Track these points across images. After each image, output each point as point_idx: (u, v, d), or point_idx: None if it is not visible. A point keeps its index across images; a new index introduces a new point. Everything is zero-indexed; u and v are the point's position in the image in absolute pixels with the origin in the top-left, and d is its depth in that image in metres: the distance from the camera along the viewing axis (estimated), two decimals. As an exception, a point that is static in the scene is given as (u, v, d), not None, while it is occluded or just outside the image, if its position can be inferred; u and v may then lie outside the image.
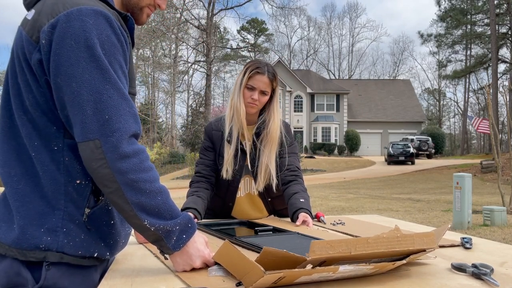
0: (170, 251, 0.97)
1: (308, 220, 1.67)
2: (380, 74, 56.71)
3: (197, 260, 0.99)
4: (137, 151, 0.92)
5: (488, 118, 9.02)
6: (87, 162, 0.90)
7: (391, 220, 1.93)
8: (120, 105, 0.91)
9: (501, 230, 5.92)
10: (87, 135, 0.89)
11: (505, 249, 1.28)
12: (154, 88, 39.51)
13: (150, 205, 0.92)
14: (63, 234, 0.94)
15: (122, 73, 0.95)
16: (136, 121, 0.94)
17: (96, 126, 0.88)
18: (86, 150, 0.89)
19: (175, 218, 0.96)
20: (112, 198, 0.92)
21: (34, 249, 0.92)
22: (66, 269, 0.95)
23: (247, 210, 1.95)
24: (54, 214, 0.94)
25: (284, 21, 57.39)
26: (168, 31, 28.55)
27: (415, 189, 13.82)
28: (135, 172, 0.90)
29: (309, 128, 36.64)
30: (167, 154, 28.64)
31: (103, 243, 1.00)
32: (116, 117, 0.90)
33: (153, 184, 0.93)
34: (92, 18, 0.90)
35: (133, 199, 0.90)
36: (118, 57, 0.94)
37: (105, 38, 0.91)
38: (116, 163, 0.89)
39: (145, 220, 0.92)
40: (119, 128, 0.90)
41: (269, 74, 1.81)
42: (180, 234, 0.96)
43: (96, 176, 0.91)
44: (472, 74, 41.22)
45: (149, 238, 0.96)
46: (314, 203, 9.65)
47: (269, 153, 1.84)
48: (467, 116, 39.03)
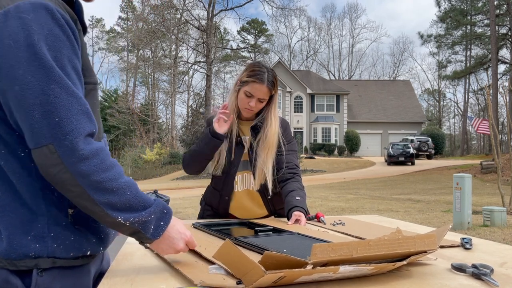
0: (150, 241, 0.96)
1: (301, 218, 1.67)
2: (380, 74, 56.75)
3: (180, 242, 1.00)
4: (95, 150, 0.87)
5: (488, 118, 9.02)
6: (44, 169, 0.85)
7: (391, 221, 1.93)
8: (70, 104, 0.85)
9: (501, 230, 5.91)
10: (39, 141, 0.84)
11: (505, 249, 1.28)
12: (154, 89, 39.53)
13: (120, 202, 0.89)
14: (52, 239, 0.92)
15: (72, 68, 0.88)
16: (90, 119, 0.89)
17: (47, 130, 0.83)
18: (40, 156, 0.84)
19: (148, 207, 0.93)
20: (78, 202, 0.88)
21: (23, 258, 0.90)
22: (58, 273, 0.93)
23: (246, 204, 1.94)
24: (38, 220, 0.91)
25: (284, 21, 57.49)
26: (168, 32, 28.56)
27: (415, 190, 13.82)
28: (98, 173, 0.86)
29: (309, 129, 36.63)
30: (167, 154, 28.63)
31: (94, 239, 0.99)
32: (67, 118, 0.84)
33: (119, 181, 0.89)
34: (30, 13, 0.84)
35: (101, 199, 0.87)
36: (64, 50, 0.87)
37: (47, 32, 0.85)
38: (76, 167, 0.84)
39: (119, 217, 0.89)
40: (73, 130, 0.84)
41: (268, 83, 1.79)
42: (158, 221, 0.95)
43: (56, 182, 0.86)
44: (472, 74, 41.21)
45: (125, 232, 0.94)
46: (314, 203, 9.65)
47: (265, 158, 1.84)
48: (467, 116, 39.02)
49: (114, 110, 32.53)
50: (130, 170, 26.91)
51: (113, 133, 33.12)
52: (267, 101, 1.85)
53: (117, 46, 47.74)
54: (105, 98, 39.37)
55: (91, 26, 51.85)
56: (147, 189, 1.24)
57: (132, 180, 0.94)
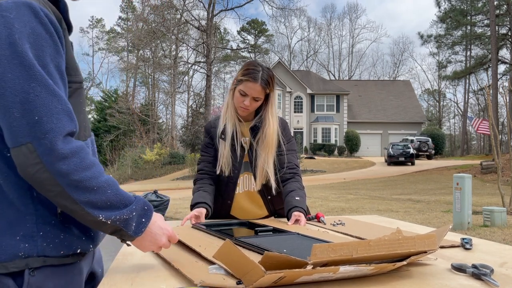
0: (132, 238, 0.96)
1: (300, 218, 1.67)
2: (380, 75, 56.77)
3: (163, 237, 1.00)
4: (75, 149, 0.86)
5: (488, 119, 9.03)
6: (22, 168, 0.84)
7: (391, 221, 1.93)
8: (51, 103, 0.84)
9: (501, 230, 5.92)
10: (17, 140, 0.83)
11: (505, 249, 1.28)
12: (154, 89, 39.51)
13: (101, 200, 0.88)
14: (41, 238, 0.91)
15: (54, 67, 0.88)
16: (71, 118, 0.88)
17: (26, 129, 0.82)
18: (19, 156, 0.84)
19: (129, 205, 0.93)
20: (57, 201, 0.88)
21: (13, 259, 0.89)
22: (50, 272, 0.93)
23: (247, 206, 1.94)
24: (26, 220, 0.90)
25: (284, 22, 57.53)
26: (168, 32, 28.56)
27: (415, 190, 13.82)
28: (78, 172, 0.86)
29: (309, 129, 36.63)
30: (167, 154, 28.61)
31: (84, 237, 0.98)
32: (47, 117, 0.84)
33: (99, 180, 0.89)
34: (13, 12, 0.84)
35: (81, 198, 0.86)
36: (47, 49, 0.86)
37: (30, 31, 0.84)
38: (55, 166, 0.84)
39: (100, 215, 0.89)
40: (52, 129, 0.84)
41: (262, 81, 1.77)
42: (139, 218, 0.95)
43: (35, 181, 0.85)
44: (472, 75, 41.21)
45: (107, 231, 0.93)
46: (314, 203, 9.65)
47: (266, 157, 1.84)
48: (467, 117, 39.02)
49: (114, 110, 32.50)
50: (130, 170, 26.91)
51: (113, 133, 33.09)
52: (263, 100, 1.84)
53: (117, 46, 47.75)
54: (105, 98, 39.36)
55: (91, 26, 51.89)
56: (147, 189, 1.25)
57: (112, 178, 0.93)
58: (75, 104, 0.95)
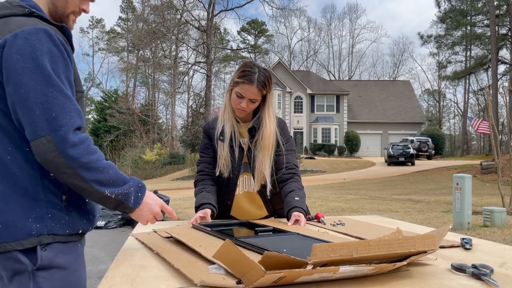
0: (132, 209, 1.16)
1: (300, 219, 1.67)
2: (380, 75, 56.77)
3: (156, 207, 1.21)
4: (83, 139, 1.08)
5: (488, 119, 9.03)
6: (42, 156, 1.04)
7: (391, 221, 1.93)
8: (65, 104, 1.06)
9: (501, 231, 5.91)
10: (38, 132, 1.04)
11: (505, 249, 1.28)
12: (155, 89, 39.52)
13: (106, 179, 1.09)
14: (50, 219, 1.11)
15: (65, 78, 1.10)
16: (80, 116, 1.10)
17: (45, 123, 1.03)
18: (39, 145, 1.04)
19: (127, 182, 1.14)
20: (71, 182, 1.07)
21: (28, 237, 1.08)
22: (59, 250, 1.13)
23: (246, 207, 1.94)
24: (37, 205, 1.10)
25: (284, 22, 57.53)
26: (169, 32, 28.57)
27: (415, 190, 13.82)
28: (86, 155, 1.06)
29: (309, 129, 36.63)
30: (167, 155, 28.61)
31: (84, 220, 1.19)
32: (62, 114, 1.05)
33: (102, 162, 1.10)
34: (34, 35, 1.07)
35: (90, 177, 1.07)
36: (60, 64, 1.09)
37: (47, 50, 1.07)
38: (68, 152, 1.04)
39: (106, 191, 1.09)
40: (66, 123, 1.05)
41: (258, 83, 1.76)
42: (136, 193, 1.16)
43: (52, 166, 1.05)
44: (472, 75, 41.21)
45: (111, 205, 1.13)
46: (314, 203, 9.65)
47: (263, 158, 1.83)
48: (467, 117, 39.02)
49: (114, 111, 32.49)
50: (130, 171, 26.90)
51: (113, 134, 33.07)
52: (260, 101, 1.83)
53: (117, 46, 47.74)
54: (105, 98, 39.34)
55: (91, 27, 51.88)
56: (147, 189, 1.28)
57: (111, 162, 1.14)
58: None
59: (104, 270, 4.50)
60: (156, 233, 1.49)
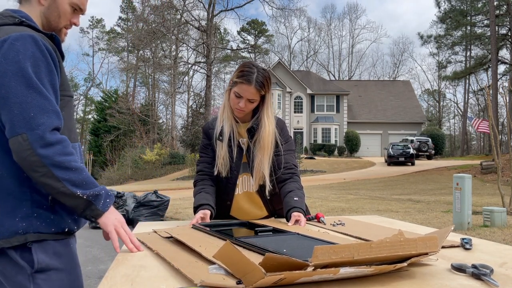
0: (100, 212, 1.18)
1: (300, 219, 1.67)
2: (380, 75, 56.76)
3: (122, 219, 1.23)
4: (59, 140, 1.11)
5: (488, 119, 9.03)
6: (18, 154, 1.08)
7: (391, 221, 1.93)
8: (43, 104, 1.10)
9: (501, 231, 5.91)
10: (15, 131, 1.07)
11: (505, 249, 1.28)
12: (155, 89, 39.52)
13: (78, 179, 1.13)
14: (35, 218, 1.15)
15: (48, 82, 1.15)
16: (58, 117, 1.14)
17: (22, 122, 1.07)
18: (15, 143, 1.08)
19: (98, 186, 1.19)
20: (42, 181, 1.10)
21: (14, 236, 1.13)
22: (53, 252, 1.17)
23: (246, 207, 1.94)
24: (23, 204, 1.14)
25: (284, 22, 57.57)
26: (169, 32, 28.57)
27: (415, 190, 13.82)
28: (60, 155, 1.10)
29: (309, 129, 36.63)
30: (167, 155, 28.60)
31: (70, 220, 1.23)
32: (40, 114, 1.09)
33: (77, 164, 1.14)
34: (20, 41, 1.12)
35: (63, 176, 1.10)
36: (43, 68, 1.14)
37: (30, 54, 1.12)
38: (42, 151, 1.07)
39: (77, 191, 1.13)
40: (43, 123, 1.09)
41: (256, 84, 1.76)
42: (105, 198, 1.19)
43: (26, 164, 1.08)
44: (472, 75, 41.19)
45: (80, 206, 1.15)
46: (314, 203, 9.65)
47: (262, 158, 1.83)
48: (467, 117, 39.03)
49: (114, 111, 32.49)
50: (130, 171, 26.91)
51: (113, 134, 33.07)
52: (258, 101, 1.83)
53: (117, 46, 47.75)
54: (105, 98, 39.33)
55: (91, 27, 51.86)
56: (147, 189, 1.29)
57: (84, 166, 1.19)
58: (67, 115, 1.22)
59: (104, 270, 4.50)
60: (156, 233, 1.49)
